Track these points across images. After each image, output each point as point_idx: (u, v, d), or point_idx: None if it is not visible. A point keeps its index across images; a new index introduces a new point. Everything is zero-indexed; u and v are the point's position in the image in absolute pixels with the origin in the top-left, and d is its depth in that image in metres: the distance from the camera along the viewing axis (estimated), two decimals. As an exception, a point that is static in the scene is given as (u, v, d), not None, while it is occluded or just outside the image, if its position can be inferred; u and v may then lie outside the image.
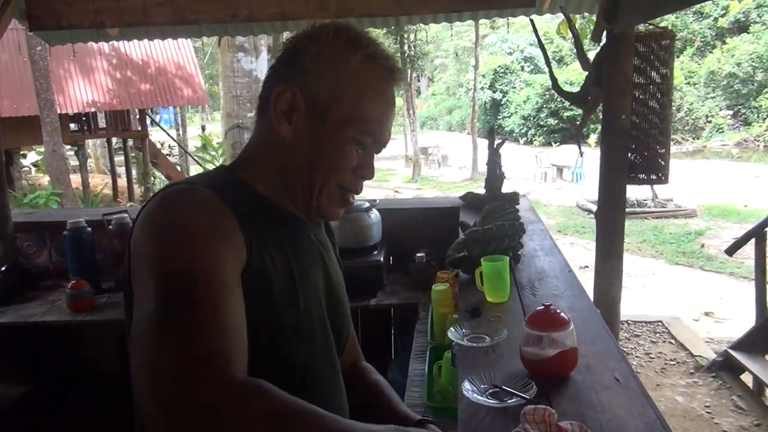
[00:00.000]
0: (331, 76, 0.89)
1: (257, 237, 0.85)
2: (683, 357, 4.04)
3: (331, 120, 0.89)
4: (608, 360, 1.30)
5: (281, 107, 0.89)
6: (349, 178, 0.93)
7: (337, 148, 0.90)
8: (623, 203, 2.68)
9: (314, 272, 0.98)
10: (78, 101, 12.59)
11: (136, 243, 0.81)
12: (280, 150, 0.91)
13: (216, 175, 0.94)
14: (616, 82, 2.53)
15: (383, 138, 0.95)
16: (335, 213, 0.96)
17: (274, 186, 0.93)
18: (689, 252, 7.87)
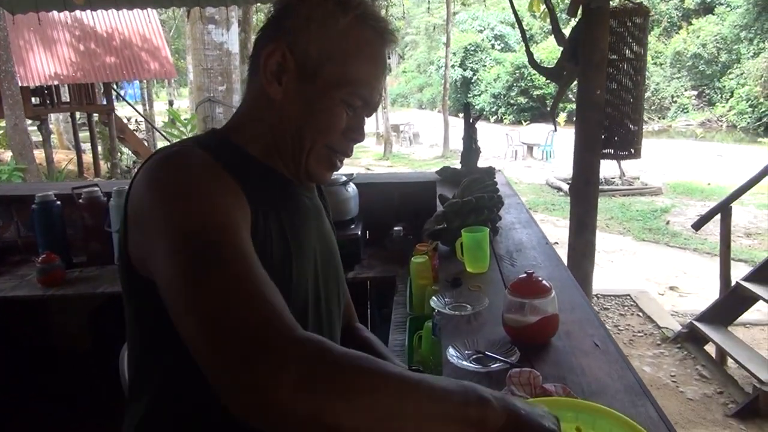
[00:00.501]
0: (321, 38, 0.89)
1: (253, 198, 0.85)
2: (650, 329, 4.16)
3: (320, 81, 0.88)
4: (587, 326, 1.33)
5: (271, 67, 0.89)
6: (338, 140, 0.93)
7: (326, 109, 0.90)
8: (597, 178, 2.72)
9: (308, 236, 0.98)
10: (40, 74, 12.15)
11: (140, 207, 0.79)
12: (270, 111, 0.91)
13: (209, 139, 0.93)
14: (591, 57, 2.55)
15: (373, 100, 0.94)
16: (324, 175, 0.96)
17: (266, 148, 0.93)
18: (655, 228, 8.07)
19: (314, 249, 1.00)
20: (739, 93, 19.25)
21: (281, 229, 0.91)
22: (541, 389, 0.99)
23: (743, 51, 19.72)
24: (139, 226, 0.79)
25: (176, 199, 0.74)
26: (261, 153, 0.93)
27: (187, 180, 0.77)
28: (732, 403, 3.14)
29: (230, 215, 0.75)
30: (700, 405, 3.13)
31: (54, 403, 2.82)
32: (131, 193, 0.82)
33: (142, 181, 0.80)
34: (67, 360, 2.94)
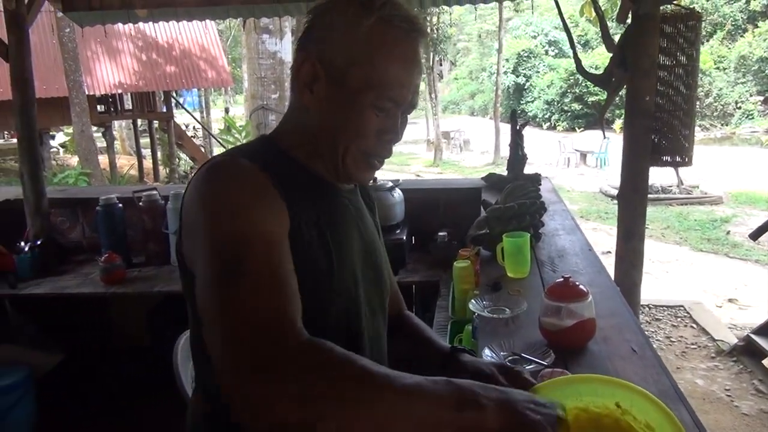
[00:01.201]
0: (346, 42, 0.90)
1: (295, 203, 0.88)
2: (704, 341, 4.03)
3: (348, 87, 0.90)
4: (626, 332, 1.33)
5: (303, 78, 0.92)
6: (372, 143, 0.93)
7: (356, 114, 0.91)
8: (646, 185, 2.68)
9: (349, 236, 1.00)
10: (105, 83, 12.78)
11: (187, 214, 0.86)
12: (307, 118, 0.94)
13: (257, 145, 0.98)
14: (640, 63, 2.52)
15: (405, 100, 0.93)
16: (363, 177, 0.98)
17: (307, 152, 0.96)
18: (714, 239, 7.77)
19: (355, 250, 1.01)
20: (808, 98, 18.32)
21: (321, 233, 0.93)
22: (572, 390, 1.01)
23: (814, 54, 18.78)
24: (187, 232, 0.86)
25: (214, 212, 0.80)
26: (304, 157, 0.96)
27: (226, 193, 0.82)
28: (790, 421, 3.01)
29: (262, 228, 0.79)
30: (756, 420, 3.02)
31: (113, 393, 2.97)
32: (184, 200, 0.88)
33: (192, 189, 0.86)
34: (126, 355, 3.10)
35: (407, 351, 1.17)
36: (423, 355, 1.14)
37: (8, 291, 2.64)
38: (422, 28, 0.94)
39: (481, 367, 1.00)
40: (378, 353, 1.06)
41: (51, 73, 11.37)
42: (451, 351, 1.09)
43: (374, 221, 1.16)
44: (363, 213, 1.09)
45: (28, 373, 2.69)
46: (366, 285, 1.03)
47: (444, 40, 19.15)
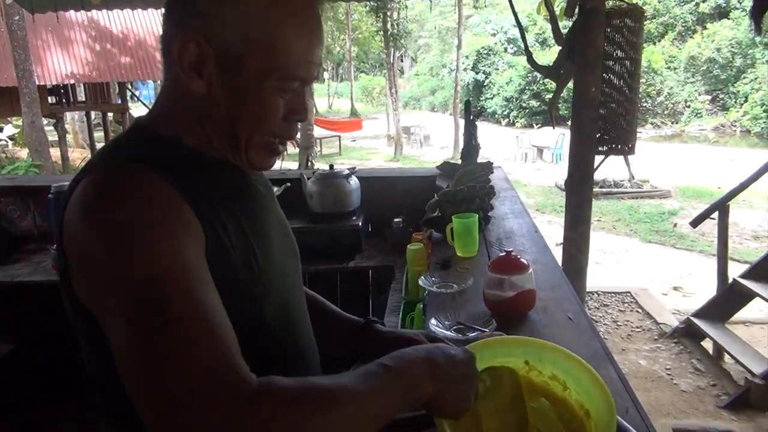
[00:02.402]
0: (238, 17, 0.76)
1: (206, 205, 0.76)
2: (648, 325, 4.22)
3: (247, 70, 0.77)
4: (564, 303, 1.42)
5: (188, 61, 0.77)
6: (278, 128, 0.83)
7: (259, 101, 0.79)
8: (591, 173, 2.80)
9: (268, 226, 0.90)
10: (57, 73, 12.41)
11: (77, 246, 0.70)
12: (196, 105, 0.80)
13: (138, 138, 0.82)
14: (587, 56, 2.63)
15: (312, 75, 0.83)
16: (266, 164, 0.87)
17: (200, 139, 0.83)
18: (662, 230, 8.08)
19: (275, 240, 0.91)
20: (753, 98, 19.12)
21: (243, 233, 0.82)
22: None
23: (758, 55, 19.60)
24: (80, 267, 0.71)
25: (118, 245, 0.66)
26: (198, 144, 0.83)
27: (128, 220, 0.68)
28: (724, 395, 3.20)
29: (180, 257, 0.67)
30: (693, 396, 3.19)
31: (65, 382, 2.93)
32: (68, 226, 0.72)
33: (79, 214, 0.70)
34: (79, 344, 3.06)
35: (318, 326, 1.08)
36: (335, 329, 1.09)
37: (-44, 280, 2.59)
38: None
39: (399, 335, 1.01)
40: (310, 339, 0.99)
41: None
42: (366, 322, 1.07)
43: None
44: (271, 190, 0.99)
45: (-24, 362, 2.64)
46: (290, 272, 0.96)
47: (404, 36, 19.25)
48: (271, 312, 0.86)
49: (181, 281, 0.65)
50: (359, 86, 34.20)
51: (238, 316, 0.71)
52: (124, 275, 0.65)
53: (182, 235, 0.70)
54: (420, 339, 0.97)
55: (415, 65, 36.23)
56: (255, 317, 0.83)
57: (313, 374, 0.94)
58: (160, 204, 0.70)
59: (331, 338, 1.08)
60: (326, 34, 29.08)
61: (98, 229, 0.68)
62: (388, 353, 0.96)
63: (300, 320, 0.97)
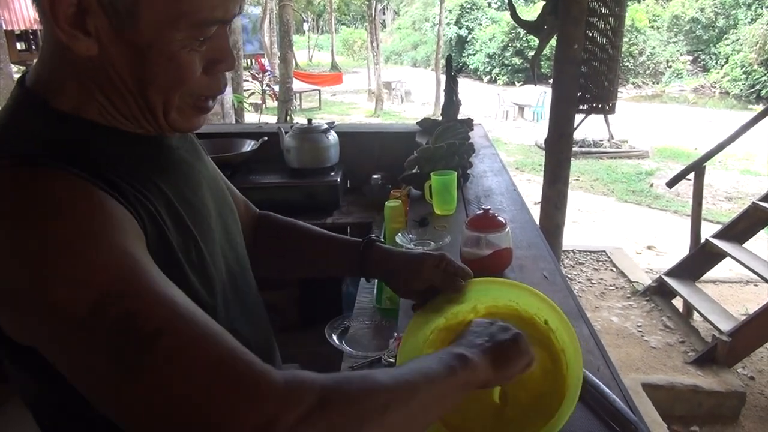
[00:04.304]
0: None
1: (131, 190, 0.64)
2: (622, 283, 4.31)
3: (146, 20, 0.60)
4: (540, 261, 1.43)
5: (64, 14, 0.59)
6: (200, 84, 0.68)
7: (169, 59, 0.63)
8: (571, 130, 2.79)
9: (200, 197, 0.78)
10: (24, 18, 11.91)
11: None
12: (88, 69, 0.63)
13: (31, 118, 0.65)
14: (571, 11, 2.59)
15: (232, 12, 0.65)
16: (194, 125, 0.72)
17: (105, 109, 0.67)
18: (638, 191, 8.19)
19: (210, 208, 0.80)
20: (734, 59, 19.18)
21: (179, 220, 0.71)
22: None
23: (741, 16, 19.57)
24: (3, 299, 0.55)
25: (46, 268, 0.53)
26: (100, 115, 0.67)
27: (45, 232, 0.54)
28: (692, 352, 3.30)
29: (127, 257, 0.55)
30: (662, 353, 3.29)
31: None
32: None
33: None
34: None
35: (312, 255, 1.03)
36: (334, 252, 1.03)
37: None
38: None
39: (411, 254, 0.98)
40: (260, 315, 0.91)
41: (-38, 5, 10.50)
42: (367, 242, 1.00)
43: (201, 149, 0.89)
44: (201, 156, 0.85)
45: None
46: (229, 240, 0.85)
47: (387, -12, 18.78)
48: (218, 287, 0.76)
49: (142, 286, 0.54)
50: (340, 39, 33.50)
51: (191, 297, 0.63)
52: (71, 299, 0.52)
53: (120, 232, 0.57)
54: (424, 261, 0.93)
55: (397, 18, 35.51)
56: (203, 304, 0.70)
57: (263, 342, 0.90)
58: (80, 205, 0.56)
59: (328, 259, 1.04)
60: (307, -17, 28.28)
61: (13, 254, 0.53)
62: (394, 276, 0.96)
63: (247, 292, 0.87)
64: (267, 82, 13.36)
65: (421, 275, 0.92)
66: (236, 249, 0.87)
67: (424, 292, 0.93)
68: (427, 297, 0.92)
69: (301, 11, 28.21)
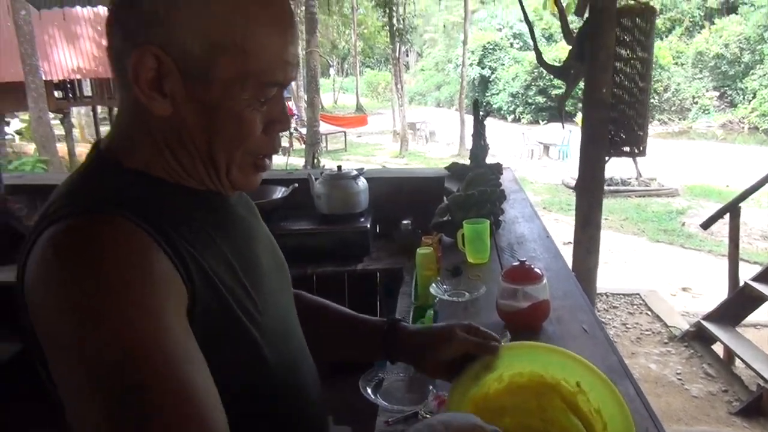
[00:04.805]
0: (200, 19, 0.65)
1: (188, 248, 0.68)
2: (658, 328, 4.18)
3: (216, 81, 0.67)
4: (578, 313, 1.39)
5: (145, 77, 0.66)
6: (259, 143, 0.74)
7: (234, 117, 0.69)
8: (602, 174, 2.77)
9: (255, 254, 0.82)
10: (63, 68, 12.42)
11: (40, 315, 0.61)
12: (161, 128, 0.70)
13: (103, 176, 0.71)
14: (598, 56, 2.59)
15: (290, 77, 0.72)
16: (252, 183, 0.78)
17: (172, 168, 0.73)
18: (670, 230, 8.04)
19: (266, 272, 0.83)
20: (762, 94, 18.98)
21: (236, 277, 0.74)
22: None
23: (767, 51, 19.44)
24: (47, 341, 0.61)
25: (82, 321, 0.57)
26: (168, 174, 0.73)
27: (94, 287, 0.58)
28: (736, 401, 3.16)
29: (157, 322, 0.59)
30: (705, 402, 3.16)
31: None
32: (30, 293, 0.63)
33: (38, 278, 0.62)
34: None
35: (337, 333, 1.03)
36: (358, 334, 1.02)
37: (-38, 279, 2.58)
38: None
39: (434, 331, 0.95)
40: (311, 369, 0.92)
41: (6, 57, 10.98)
42: (391, 323, 0.99)
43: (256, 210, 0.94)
44: (256, 214, 0.90)
45: (-17, 363, 2.63)
46: (285, 299, 0.89)
47: (410, 31, 19.17)
48: (273, 350, 0.78)
49: (160, 357, 0.56)
50: (365, 81, 34.12)
51: (242, 360, 0.68)
52: (98, 351, 0.55)
53: (159, 297, 0.61)
54: (454, 331, 0.91)
55: (420, 60, 36.12)
56: (258, 360, 0.75)
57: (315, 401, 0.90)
58: (131, 263, 0.61)
59: (353, 344, 1.03)
60: (332, 29, 29.04)
61: (61, 304, 0.58)
62: (422, 352, 0.93)
63: (298, 347, 0.89)
64: (294, 126, 13.61)
65: (452, 344, 0.90)
66: (288, 303, 0.90)
67: (452, 364, 0.90)
68: (458, 369, 0.88)
69: (327, 55, 28.90)
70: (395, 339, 0.97)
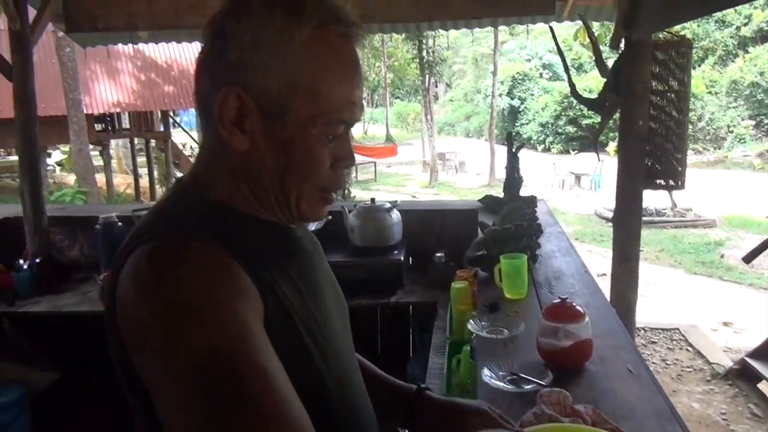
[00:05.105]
0: (279, 64, 0.73)
1: (262, 271, 0.74)
2: (700, 364, 4.04)
3: (291, 119, 0.75)
4: (621, 352, 1.36)
5: (228, 116, 0.74)
6: (327, 178, 0.80)
7: (306, 152, 0.77)
8: (640, 207, 2.72)
9: (321, 286, 0.88)
10: (104, 102, 12.86)
11: (134, 324, 0.66)
12: (240, 163, 0.78)
13: (185, 203, 0.79)
14: (633, 89, 2.58)
15: (356, 117, 0.80)
16: (319, 214, 0.84)
17: (245, 199, 0.80)
18: (708, 262, 7.82)
19: (329, 301, 0.89)
20: (800, 123, 18.57)
21: (298, 293, 0.80)
22: (571, 409, 1.03)
23: (804, 80, 19.08)
24: (136, 347, 0.66)
25: (177, 326, 0.62)
26: (246, 206, 0.80)
27: (184, 296, 0.64)
28: (785, 444, 3.03)
29: (243, 326, 0.64)
30: (752, 444, 3.03)
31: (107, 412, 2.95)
32: (124, 303, 0.68)
33: (133, 288, 0.67)
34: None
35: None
36: (384, 396, 1.04)
37: (6, 309, 2.64)
38: (358, 22, 0.78)
39: (462, 407, 0.97)
40: (366, 399, 0.95)
41: (50, 91, 11.41)
42: (417, 391, 1.03)
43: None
44: (319, 249, 0.96)
45: (23, 391, 2.68)
46: (344, 332, 0.93)
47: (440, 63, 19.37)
48: (332, 375, 0.82)
49: (250, 354, 0.61)
50: (394, 112, 34.47)
51: (303, 380, 0.69)
52: (188, 354, 0.60)
53: (244, 305, 0.67)
54: (484, 410, 0.93)
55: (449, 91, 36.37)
56: (318, 381, 0.79)
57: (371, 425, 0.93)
58: (218, 274, 0.68)
59: (378, 405, 1.01)
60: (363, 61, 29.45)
61: (155, 310, 0.64)
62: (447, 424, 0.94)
63: (357, 380, 0.93)
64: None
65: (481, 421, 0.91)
66: (348, 342, 0.94)
67: None
68: None
69: (357, 87, 29.24)
70: (419, 409, 1.01)
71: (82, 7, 3.20)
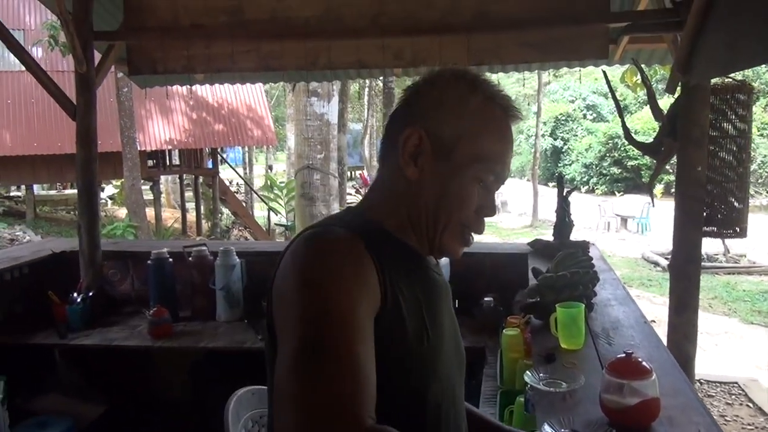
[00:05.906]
0: (454, 118, 0.93)
1: (391, 277, 0.87)
2: (762, 422, 3.81)
3: (455, 160, 0.92)
4: (691, 413, 1.28)
5: (409, 150, 0.92)
6: (472, 217, 0.95)
7: (461, 187, 0.93)
8: (699, 256, 2.62)
9: (441, 314, 0.98)
10: (156, 139, 13.35)
11: (280, 287, 0.85)
12: (406, 190, 0.94)
13: (349, 217, 0.97)
14: (691, 134, 2.51)
15: (504, 175, 0.98)
16: (456, 251, 0.98)
17: (401, 224, 0.96)
18: (765, 311, 7.46)
19: (447, 331, 0.99)
20: None
21: (418, 307, 0.91)
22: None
23: None
24: (278, 303, 0.85)
25: (308, 286, 0.80)
26: (396, 228, 0.96)
27: (320, 265, 0.82)
28: None
29: (352, 305, 0.79)
30: None
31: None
32: (278, 269, 0.87)
33: (287, 260, 0.86)
34: (168, 409, 3.10)
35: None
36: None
37: (58, 341, 2.70)
38: (518, 108, 0.99)
39: None
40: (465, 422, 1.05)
41: (107, 129, 11.90)
42: None
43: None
44: (449, 291, 1.07)
45: (71, 423, 2.71)
46: (455, 368, 1.02)
47: (483, 104, 19.38)
48: (434, 390, 0.91)
49: (343, 328, 0.76)
50: (436, 151, 34.57)
51: (404, 382, 0.85)
52: (306, 307, 0.78)
53: (361, 292, 0.81)
54: None
55: (491, 131, 36.38)
56: (419, 389, 0.89)
57: None
58: (353, 257, 0.83)
59: None
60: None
61: (298, 269, 0.83)
62: None
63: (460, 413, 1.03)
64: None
65: None
66: (459, 385, 1.04)
67: None
68: None
69: (399, 126, 29.55)
70: None
71: (144, 52, 3.35)
